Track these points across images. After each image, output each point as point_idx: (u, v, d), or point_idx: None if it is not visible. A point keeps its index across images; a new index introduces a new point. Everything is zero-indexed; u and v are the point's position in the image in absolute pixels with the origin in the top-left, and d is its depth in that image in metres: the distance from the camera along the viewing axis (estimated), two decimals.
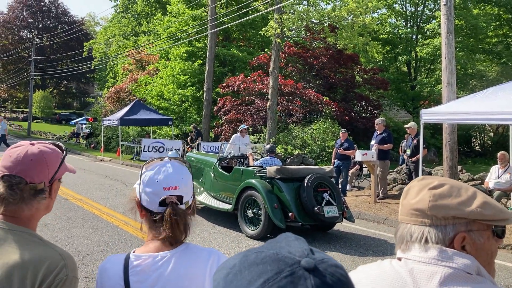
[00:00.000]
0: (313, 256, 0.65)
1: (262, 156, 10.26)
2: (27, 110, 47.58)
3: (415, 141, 11.01)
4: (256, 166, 8.87)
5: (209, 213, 9.28)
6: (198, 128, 22.31)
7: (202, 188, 9.46)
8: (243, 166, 8.98)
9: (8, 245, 1.36)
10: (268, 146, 9.55)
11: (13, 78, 54.52)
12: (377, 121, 11.79)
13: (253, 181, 7.75)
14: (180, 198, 1.44)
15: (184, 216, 1.43)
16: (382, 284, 1.11)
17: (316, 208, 7.13)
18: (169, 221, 1.40)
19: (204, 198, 9.12)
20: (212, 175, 9.25)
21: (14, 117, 54.62)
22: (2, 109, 62.59)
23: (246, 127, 12.82)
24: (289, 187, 7.50)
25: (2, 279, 1.30)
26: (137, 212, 1.51)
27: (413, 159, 10.95)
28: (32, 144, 1.47)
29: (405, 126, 10.10)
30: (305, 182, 7.36)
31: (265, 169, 7.83)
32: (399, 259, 1.15)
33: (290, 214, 7.19)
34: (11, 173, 1.39)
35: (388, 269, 1.14)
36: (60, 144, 1.57)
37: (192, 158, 10.39)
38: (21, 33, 62.22)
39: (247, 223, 7.83)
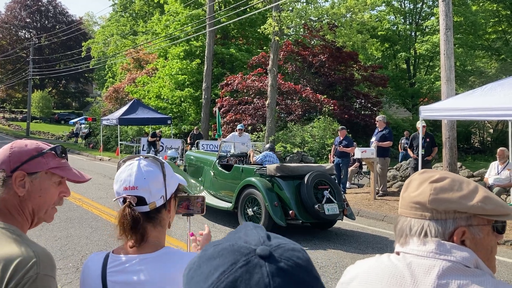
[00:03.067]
0: (269, 243, 0.65)
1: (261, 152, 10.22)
2: (26, 110, 47.52)
3: (428, 140, 10.81)
4: (256, 163, 8.85)
5: (209, 211, 9.26)
6: (200, 130, 22.26)
7: (202, 187, 9.43)
8: (243, 165, 8.96)
9: None
10: (268, 145, 9.64)
11: (12, 78, 54.42)
12: (378, 118, 11.74)
13: (253, 179, 7.70)
14: (141, 199, 1.39)
15: (134, 219, 1.37)
16: (379, 279, 1.10)
17: (316, 206, 7.10)
18: (117, 222, 1.38)
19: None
20: (212, 173, 9.22)
21: (13, 117, 54.56)
22: (1, 109, 62.54)
23: (243, 127, 12.78)
24: (289, 185, 7.46)
25: None
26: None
27: (429, 158, 10.73)
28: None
29: (417, 126, 9.88)
30: (305, 180, 7.31)
31: (265, 167, 7.81)
32: (398, 253, 1.14)
33: (290, 212, 7.16)
34: None
35: (386, 263, 1.12)
36: (49, 144, 1.53)
37: (192, 157, 10.37)
38: (19, 33, 62.11)
39: (247, 221, 7.75)
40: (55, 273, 1.36)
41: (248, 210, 7.78)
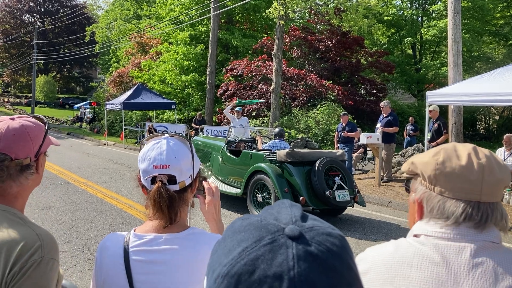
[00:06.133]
0: (301, 224, 0.59)
1: (270, 140, 10.07)
2: (30, 95, 47.54)
3: (435, 125, 10.59)
4: (265, 149, 8.73)
5: (222, 198, 9.24)
6: (203, 116, 22.20)
7: (210, 172, 9.32)
8: (252, 150, 8.84)
9: None
10: (277, 129, 9.38)
11: (16, 62, 54.39)
12: (382, 103, 11.59)
13: (262, 165, 7.60)
14: (172, 177, 1.36)
15: (170, 198, 1.34)
16: (404, 264, 1.06)
17: (327, 192, 6.99)
18: (151, 202, 1.34)
19: (212, 183, 9.05)
20: (220, 159, 9.10)
21: (18, 102, 54.59)
22: (6, 94, 62.62)
23: (240, 110, 12.70)
24: (300, 171, 7.34)
25: None
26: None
27: (433, 143, 10.59)
28: (12, 119, 1.41)
29: (428, 109, 9.69)
30: (316, 166, 7.21)
31: (275, 152, 7.69)
32: (416, 235, 1.10)
33: (301, 198, 7.06)
34: None
35: (408, 248, 1.08)
36: (41, 116, 1.51)
37: (199, 142, 10.26)
38: (23, 17, 61.86)
39: (256, 207, 7.74)
40: (58, 256, 1.35)
41: (257, 196, 7.70)
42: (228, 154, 8.97)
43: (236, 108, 12.60)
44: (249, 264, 0.55)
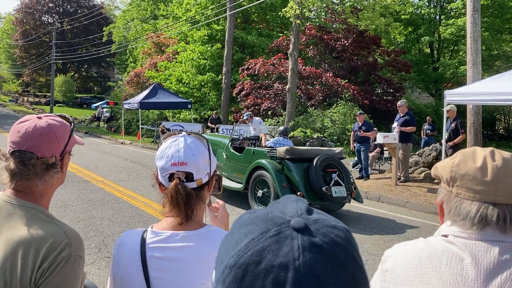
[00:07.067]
0: (306, 216, 0.61)
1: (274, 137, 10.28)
2: (49, 94, 48.24)
3: (453, 125, 10.42)
4: (267, 147, 8.94)
5: (229, 195, 9.30)
6: (219, 115, 22.30)
7: None
8: (254, 147, 9.08)
9: (15, 221, 1.34)
10: (281, 128, 9.66)
11: (35, 62, 55.25)
12: (399, 103, 11.46)
13: (263, 161, 7.86)
14: (189, 175, 1.37)
15: (188, 195, 1.35)
16: (432, 259, 1.09)
17: (324, 188, 7.23)
18: (169, 198, 1.35)
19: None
20: (225, 155, 9.39)
21: (37, 101, 55.41)
22: (25, 93, 63.65)
23: (248, 115, 12.79)
24: (298, 167, 7.58)
25: (7, 255, 1.28)
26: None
27: (450, 143, 10.43)
28: (39, 118, 1.43)
29: (446, 108, 9.54)
30: (314, 163, 7.46)
31: (275, 149, 7.92)
32: (445, 235, 1.13)
33: (298, 193, 7.24)
34: (21, 149, 1.36)
35: (436, 244, 1.11)
36: (67, 116, 1.53)
37: (211, 140, 10.46)
38: (42, 17, 62.74)
39: (257, 202, 8.00)
40: (84, 253, 1.38)
41: (258, 191, 7.94)
42: (232, 150, 9.24)
43: (244, 115, 12.71)
44: (255, 255, 0.57)
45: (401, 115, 11.07)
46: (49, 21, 61.73)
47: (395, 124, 11.18)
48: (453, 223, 1.12)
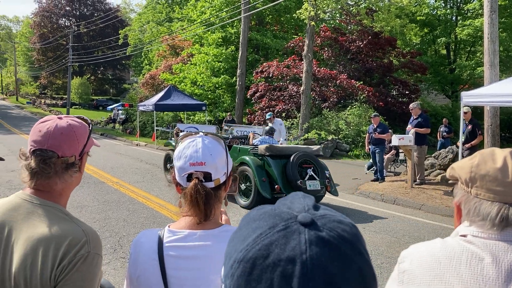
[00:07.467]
0: (313, 212, 0.62)
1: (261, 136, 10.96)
2: (66, 96, 48.82)
3: (469, 127, 10.26)
4: (253, 145, 9.65)
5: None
6: (233, 117, 22.35)
7: None
8: (240, 145, 9.83)
9: (34, 219, 1.36)
10: (267, 127, 10.45)
11: (52, 65, 56.04)
12: (411, 105, 11.30)
13: (246, 157, 8.63)
14: (207, 175, 1.38)
15: (207, 194, 1.36)
16: (451, 259, 1.08)
17: (299, 182, 7.98)
18: (188, 198, 1.36)
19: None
20: None
21: (54, 103, 56.17)
22: (43, 95, 64.57)
23: (271, 115, 13.11)
24: (277, 163, 8.32)
25: (27, 252, 1.31)
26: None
27: (467, 145, 10.27)
28: (60, 118, 1.46)
29: (463, 110, 9.40)
30: (291, 159, 8.21)
31: (257, 147, 8.66)
32: (464, 235, 1.12)
33: (276, 186, 8.07)
34: (42, 148, 1.39)
35: (455, 244, 1.10)
36: (85, 117, 1.56)
37: None
38: (60, 21, 63.65)
39: (240, 195, 8.75)
40: (102, 252, 1.39)
41: (242, 185, 8.66)
42: None
43: (267, 115, 12.93)
44: (263, 249, 0.58)
45: (415, 117, 10.97)
46: (66, 24, 62.59)
47: (409, 126, 11.08)
48: (471, 224, 1.11)
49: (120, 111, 34.75)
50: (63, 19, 64.25)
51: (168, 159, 11.67)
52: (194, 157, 1.37)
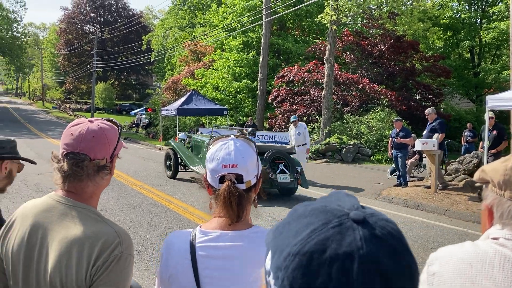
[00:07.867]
0: (363, 210, 0.65)
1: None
2: (90, 101, 49.69)
3: (494, 132, 10.11)
4: None
5: (265, 202, 9.33)
6: (254, 121, 22.41)
7: (200, 162, 11.21)
8: None
9: (68, 221, 1.39)
10: (250, 129, 11.21)
11: (77, 70, 57.12)
12: (427, 111, 11.28)
13: None
14: (239, 177, 1.41)
15: (240, 196, 1.39)
16: (484, 263, 1.07)
17: (270, 175, 9.08)
18: (221, 199, 1.38)
19: (199, 169, 10.91)
20: (205, 151, 10.05)
21: (78, 108, 57.19)
22: (68, 100, 65.84)
23: (295, 118, 12.77)
24: None
25: (62, 253, 1.34)
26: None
27: (493, 151, 10.07)
28: (91, 122, 1.49)
29: (488, 115, 9.27)
30: (265, 156, 9.33)
31: None
32: (495, 238, 1.11)
33: None
34: (75, 151, 1.41)
35: (486, 247, 1.10)
36: (115, 120, 1.58)
37: (198, 139, 12.11)
38: (84, 27, 64.88)
39: None
40: (134, 252, 1.43)
41: None
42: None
43: (291, 118, 12.80)
44: (319, 244, 0.60)
45: (430, 122, 10.98)
46: (91, 30, 63.72)
47: (425, 132, 11.10)
48: (504, 227, 1.10)
49: (143, 116, 35.15)
50: (88, 26, 65.46)
51: (168, 158, 12.50)
52: (227, 159, 1.41)
